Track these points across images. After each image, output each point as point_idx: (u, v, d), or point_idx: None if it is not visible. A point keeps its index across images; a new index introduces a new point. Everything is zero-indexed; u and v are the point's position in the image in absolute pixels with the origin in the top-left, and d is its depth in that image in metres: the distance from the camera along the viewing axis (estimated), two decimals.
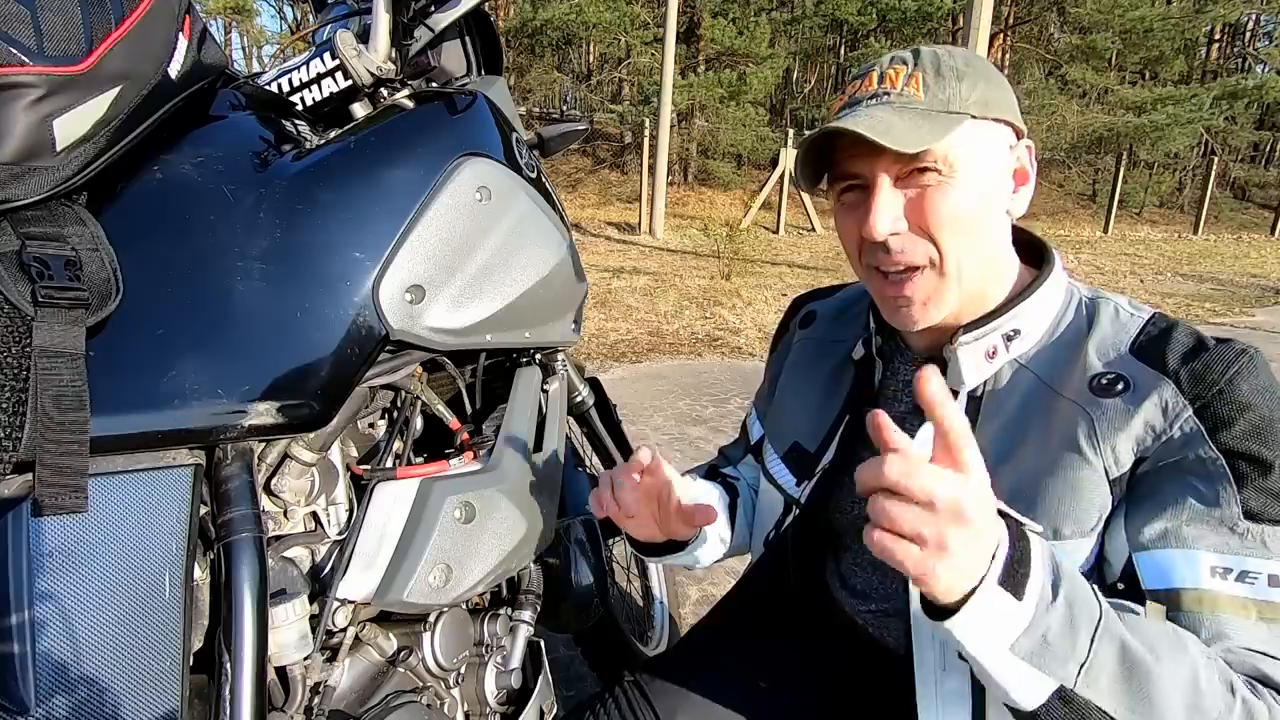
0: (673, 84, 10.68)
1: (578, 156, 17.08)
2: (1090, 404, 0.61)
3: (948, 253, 0.64)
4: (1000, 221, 0.66)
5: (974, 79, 0.63)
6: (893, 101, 0.62)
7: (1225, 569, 0.56)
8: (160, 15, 0.59)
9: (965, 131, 0.62)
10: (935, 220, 0.63)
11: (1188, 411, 0.58)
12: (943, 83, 0.62)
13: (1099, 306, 0.67)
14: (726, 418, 3.41)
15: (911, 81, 0.63)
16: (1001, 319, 0.66)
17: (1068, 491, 0.61)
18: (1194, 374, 0.59)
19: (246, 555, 0.57)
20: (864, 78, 0.65)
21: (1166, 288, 7.66)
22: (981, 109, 0.63)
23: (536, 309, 0.87)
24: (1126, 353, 0.63)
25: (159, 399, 0.55)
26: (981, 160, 0.63)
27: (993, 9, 6.31)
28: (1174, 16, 15.90)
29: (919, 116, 0.61)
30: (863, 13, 16.71)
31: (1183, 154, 17.81)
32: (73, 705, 0.48)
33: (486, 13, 1.04)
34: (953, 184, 0.62)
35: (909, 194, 0.63)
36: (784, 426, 0.85)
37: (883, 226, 0.63)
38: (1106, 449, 0.60)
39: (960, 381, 0.68)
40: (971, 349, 0.67)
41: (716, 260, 7.65)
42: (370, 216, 0.70)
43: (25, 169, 0.51)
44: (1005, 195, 0.66)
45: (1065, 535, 0.61)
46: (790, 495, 0.82)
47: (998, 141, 0.65)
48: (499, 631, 0.89)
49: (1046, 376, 0.65)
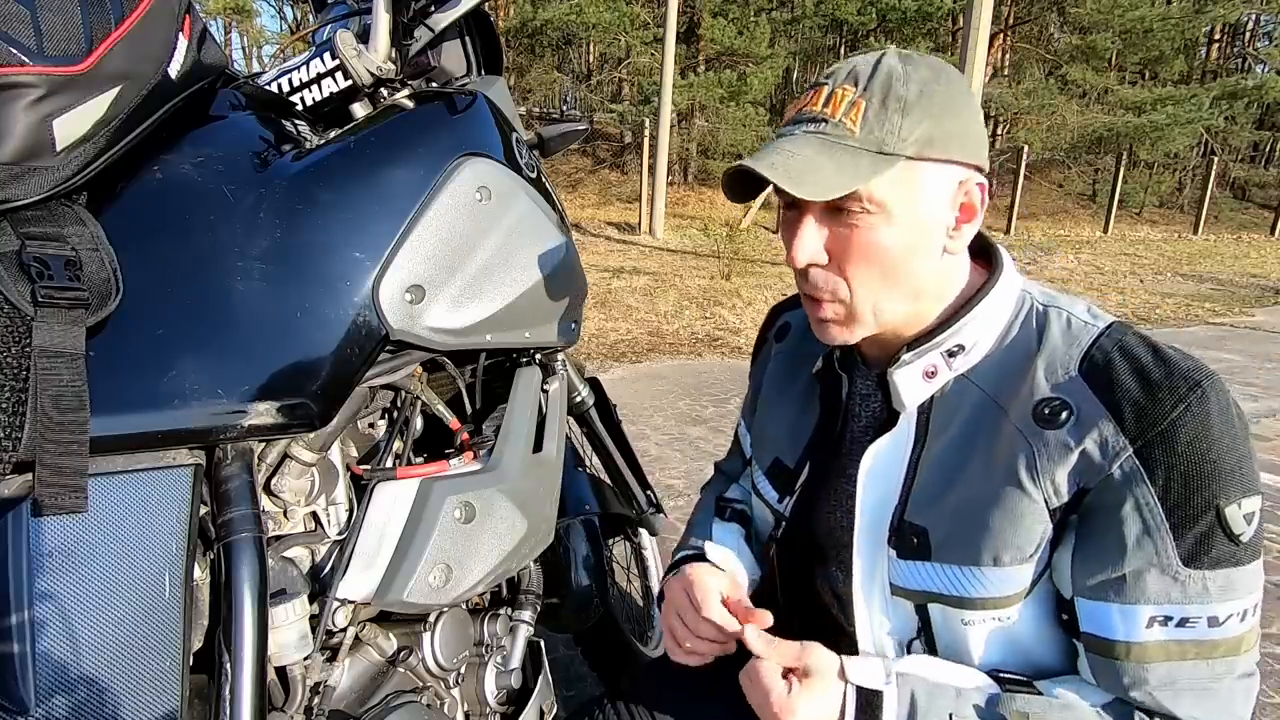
0: (673, 84, 10.68)
1: (578, 156, 17.08)
2: (1032, 434, 0.60)
3: (856, 292, 0.63)
4: (932, 259, 0.63)
5: (921, 114, 0.59)
6: (826, 133, 0.59)
7: (1165, 617, 0.56)
8: (160, 15, 0.59)
9: (897, 173, 0.59)
10: (853, 260, 0.61)
11: (1128, 451, 0.56)
12: (884, 117, 0.58)
13: (1051, 317, 0.64)
14: (726, 418, 3.41)
15: (852, 111, 0.59)
16: (943, 335, 0.65)
17: (1008, 521, 0.60)
18: (1139, 410, 0.56)
19: (246, 555, 0.57)
20: (816, 90, 0.62)
21: (1166, 288, 7.66)
22: (920, 148, 0.59)
23: (536, 309, 0.87)
24: (1075, 373, 0.60)
25: (159, 399, 0.55)
26: (915, 201, 0.60)
27: (993, 9, 6.31)
28: (1174, 16, 15.89)
29: (847, 155, 0.58)
30: (863, 13, 16.69)
31: (1183, 154, 17.80)
32: (73, 705, 0.48)
33: (486, 13, 1.04)
34: (880, 226, 0.60)
35: (836, 228, 0.62)
36: (766, 443, 0.86)
37: (801, 258, 0.63)
38: (1046, 481, 0.59)
39: (901, 404, 0.67)
40: (909, 370, 0.66)
41: (716, 260, 7.65)
42: (370, 216, 0.70)
43: (25, 169, 0.51)
44: (941, 235, 0.62)
45: (1004, 563, 0.61)
46: (777, 510, 0.82)
47: (939, 181, 0.61)
48: (499, 631, 0.89)
49: (994, 392, 0.64)
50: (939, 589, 0.65)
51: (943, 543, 0.64)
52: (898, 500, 0.67)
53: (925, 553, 0.65)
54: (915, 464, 0.67)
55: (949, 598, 0.64)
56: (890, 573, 0.68)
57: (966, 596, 0.63)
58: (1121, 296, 6.99)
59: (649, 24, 16.21)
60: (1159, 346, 0.59)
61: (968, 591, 0.63)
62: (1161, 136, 15.39)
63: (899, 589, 0.67)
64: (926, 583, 0.66)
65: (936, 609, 0.66)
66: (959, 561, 0.63)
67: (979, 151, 0.63)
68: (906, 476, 0.67)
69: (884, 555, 0.68)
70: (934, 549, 0.65)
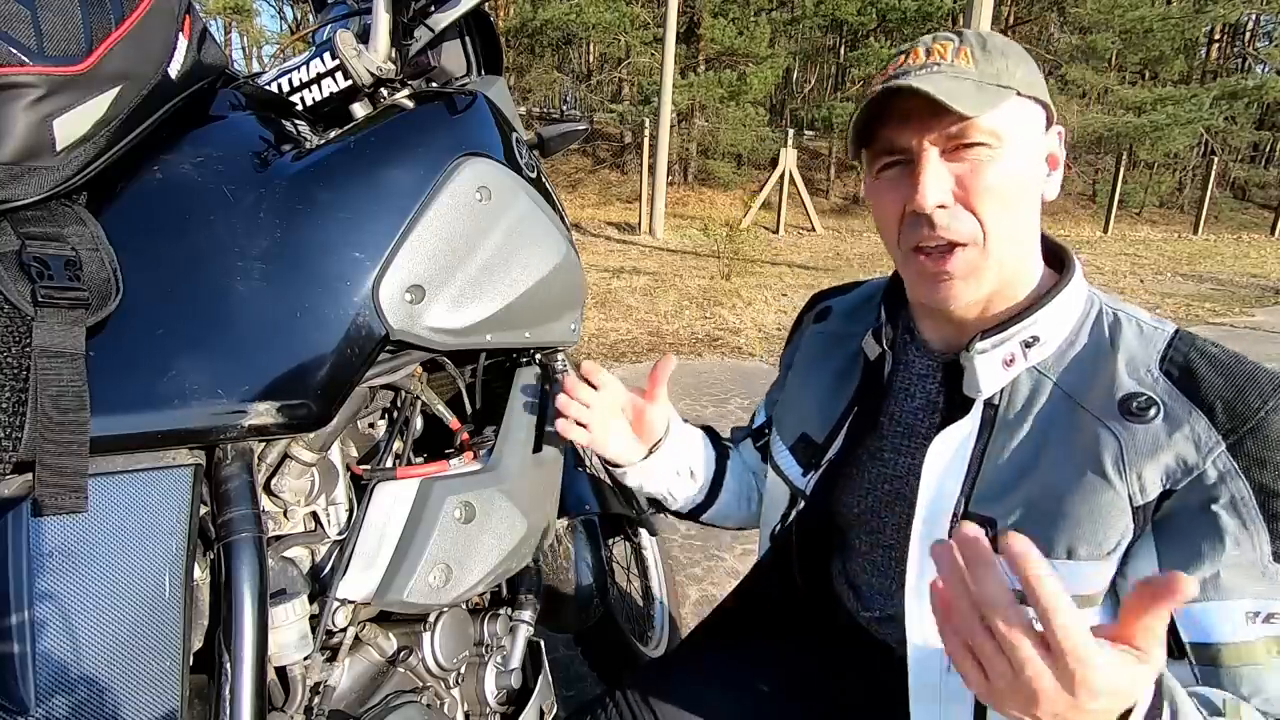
0: (673, 84, 10.68)
1: (578, 156, 17.08)
2: (1119, 426, 0.60)
3: (991, 228, 0.62)
4: (1036, 203, 0.66)
5: (1017, 59, 0.63)
6: (945, 70, 0.61)
7: (1256, 613, 0.56)
8: (160, 15, 0.59)
9: (1013, 107, 0.61)
10: (983, 193, 0.61)
11: (1221, 447, 0.57)
12: (990, 58, 0.62)
13: (1121, 319, 0.66)
14: (726, 418, 3.41)
15: (960, 54, 0.62)
16: (1020, 324, 0.65)
17: (1088, 513, 0.59)
18: (1229, 407, 0.57)
19: (246, 555, 0.57)
20: (908, 53, 0.64)
21: (1166, 288, 7.66)
22: (1027, 87, 0.62)
23: (536, 309, 0.87)
24: (1158, 372, 0.61)
25: (159, 399, 0.55)
26: (1026, 137, 0.63)
27: (993, 9, 6.30)
28: (1174, 16, 15.89)
29: (974, 85, 0.60)
30: (863, 13, 16.70)
31: (1183, 154, 17.81)
32: (73, 705, 0.48)
33: (486, 13, 1.04)
34: (1000, 158, 0.61)
35: (956, 167, 0.62)
36: (793, 417, 0.85)
37: (932, 198, 0.61)
38: (1133, 476, 0.59)
39: (977, 389, 0.66)
40: (989, 356, 0.66)
41: (716, 260, 7.65)
42: (370, 216, 0.70)
43: (25, 169, 0.51)
44: (1041, 176, 0.66)
45: (1080, 556, 0.60)
46: (796, 486, 0.82)
47: (1037, 121, 0.65)
48: (499, 631, 0.89)
49: (1069, 388, 0.64)
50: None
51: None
52: (960, 492, 0.66)
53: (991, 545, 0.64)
54: (981, 456, 0.65)
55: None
56: None
57: None
58: (1122, 296, 6.93)
59: (649, 24, 16.21)
60: (1232, 351, 0.61)
61: None
62: (1161, 136, 15.39)
63: None
64: None
65: None
66: None
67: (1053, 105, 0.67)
68: (970, 468, 0.66)
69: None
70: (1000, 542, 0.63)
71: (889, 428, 0.76)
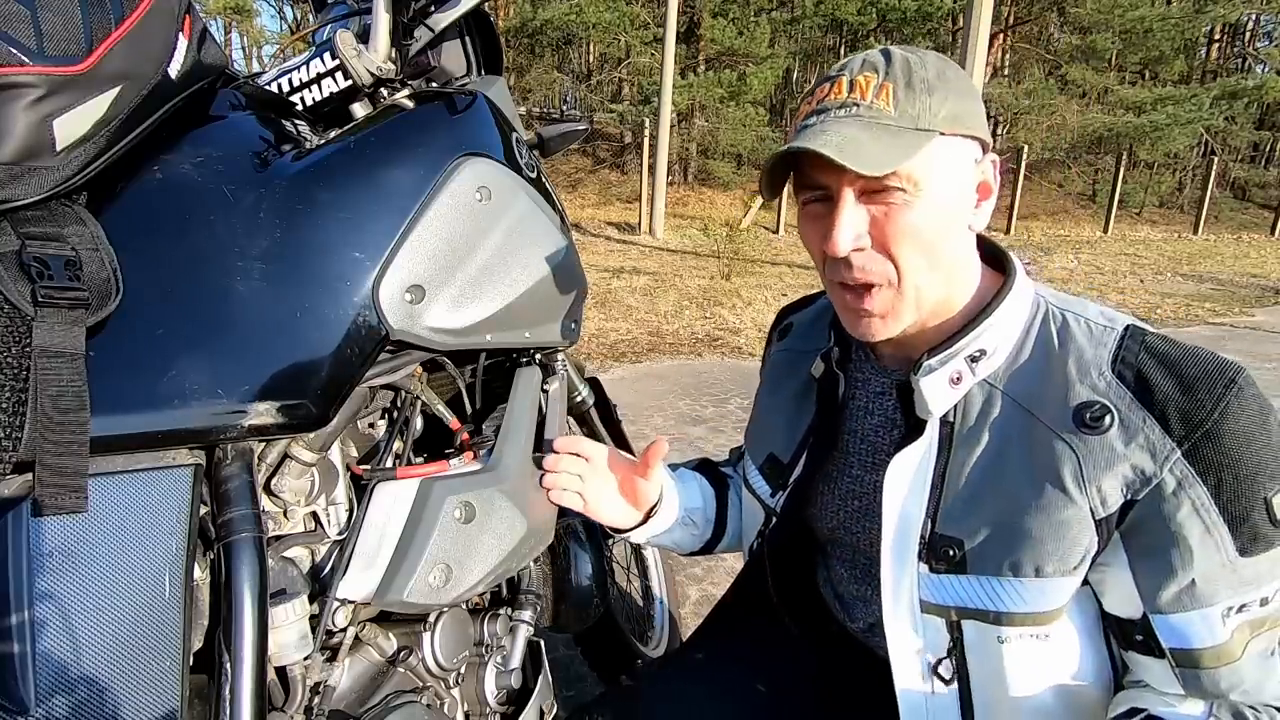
0: (673, 84, 10.68)
1: (578, 156, 17.08)
2: (1075, 439, 0.59)
3: (906, 272, 0.62)
4: (962, 237, 0.65)
5: (944, 92, 0.60)
6: (861, 115, 0.60)
7: (1229, 607, 0.57)
8: (160, 15, 0.59)
9: (932, 149, 0.60)
10: (897, 239, 0.61)
11: (1176, 454, 0.56)
12: (913, 96, 0.60)
13: (1069, 320, 0.65)
14: (726, 418, 3.41)
15: (882, 93, 0.60)
16: (964, 340, 0.64)
17: (1052, 530, 0.59)
18: (1182, 412, 0.57)
19: (246, 555, 0.57)
20: (833, 82, 0.63)
21: (1166, 288, 7.66)
22: (950, 125, 0.60)
23: (536, 309, 0.87)
24: (1110, 375, 0.60)
25: (159, 399, 0.55)
26: (947, 177, 0.61)
27: (993, 9, 6.30)
28: (1174, 16, 15.89)
29: (887, 134, 0.59)
30: (863, 13, 16.69)
31: (1183, 154, 17.79)
32: (73, 705, 0.48)
33: (486, 13, 1.04)
34: (917, 203, 0.60)
35: (873, 210, 0.62)
36: (760, 438, 0.86)
37: (844, 244, 0.62)
38: (1093, 489, 0.58)
39: (928, 411, 0.66)
40: (935, 376, 0.65)
41: (716, 260, 7.65)
42: (370, 216, 0.70)
43: (25, 169, 0.51)
44: (968, 211, 0.65)
45: (1047, 574, 0.60)
46: (767, 505, 0.82)
47: (964, 157, 0.63)
48: (499, 631, 0.89)
49: (1021, 399, 0.63)
50: (974, 603, 0.63)
51: (979, 554, 0.62)
52: (925, 513, 0.65)
53: (960, 566, 0.63)
54: (942, 474, 0.65)
55: (984, 612, 0.63)
56: (920, 589, 0.66)
57: (1003, 611, 0.62)
58: (1121, 296, 6.99)
59: (649, 24, 16.20)
60: (1183, 345, 0.60)
61: (1004, 605, 0.62)
62: (1161, 136, 15.39)
63: (930, 605, 0.65)
64: (960, 598, 0.64)
65: (971, 626, 0.64)
66: (996, 573, 0.62)
67: (987, 131, 0.65)
68: (933, 488, 0.65)
69: (912, 571, 0.66)
70: (969, 561, 0.63)
71: (853, 445, 0.76)
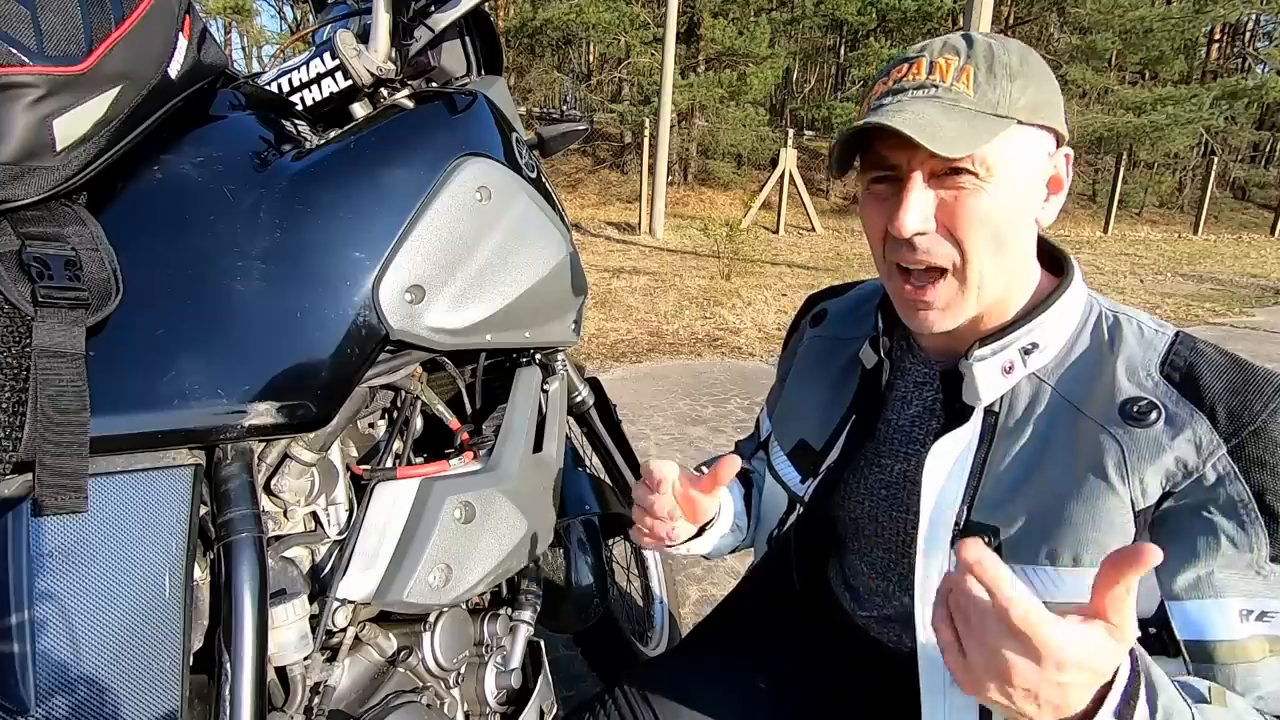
0: (673, 84, 10.68)
1: (578, 156, 17.08)
2: (1121, 431, 0.59)
3: (972, 259, 0.62)
4: (1028, 230, 0.64)
5: (1026, 80, 0.60)
6: (940, 97, 0.59)
7: (1248, 611, 0.56)
8: (160, 15, 0.59)
9: (1009, 137, 0.59)
10: (965, 225, 0.60)
11: (1222, 450, 0.57)
12: (994, 81, 0.59)
13: (1121, 323, 0.65)
14: (726, 418, 3.41)
15: (962, 76, 0.59)
16: (1019, 331, 0.64)
17: (1091, 518, 0.59)
18: (1230, 411, 0.57)
19: (246, 555, 0.57)
20: (912, 63, 0.62)
21: (1166, 288, 7.66)
22: (1029, 114, 0.60)
23: (536, 309, 0.87)
24: (1159, 376, 0.61)
25: (159, 399, 0.55)
26: (1020, 166, 0.61)
27: (993, 9, 6.30)
28: (1174, 16, 15.88)
29: (965, 117, 0.58)
30: (863, 13, 16.70)
31: (1183, 154, 17.81)
32: (73, 705, 0.48)
33: (486, 13, 1.04)
34: (988, 189, 0.59)
35: (942, 194, 0.61)
36: (791, 424, 0.85)
37: (911, 224, 0.60)
38: (1135, 480, 0.58)
39: (977, 398, 0.66)
40: (988, 364, 0.65)
41: (716, 260, 7.65)
42: (370, 216, 0.70)
43: (25, 169, 0.51)
44: (1037, 203, 0.64)
45: (1085, 563, 0.59)
46: (795, 493, 0.82)
47: (1038, 148, 0.62)
48: (499, 631, 0.89)
49: (1069, 394, 0.63)
50: None
51: (1016, 543, 0.62)
52: (962, 501, 0.65)
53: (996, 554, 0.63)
54: (983, 463, 0.65)
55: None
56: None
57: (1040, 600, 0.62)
58: (1121, 296, 6.99)
59: (649, 24, 16.20)
60: (1233, 354, 0.61)
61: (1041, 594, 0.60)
62: (1161, 136, 15.40)
63: None
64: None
65: None
66: (1033, 562, 0.61)
67: (1064, 124, 0.64)
68: (971, 476, 0.65)
69: (944, 560, 0.65)
70: (1005, 550, 0.62)
71: (886, 434, 0.76)
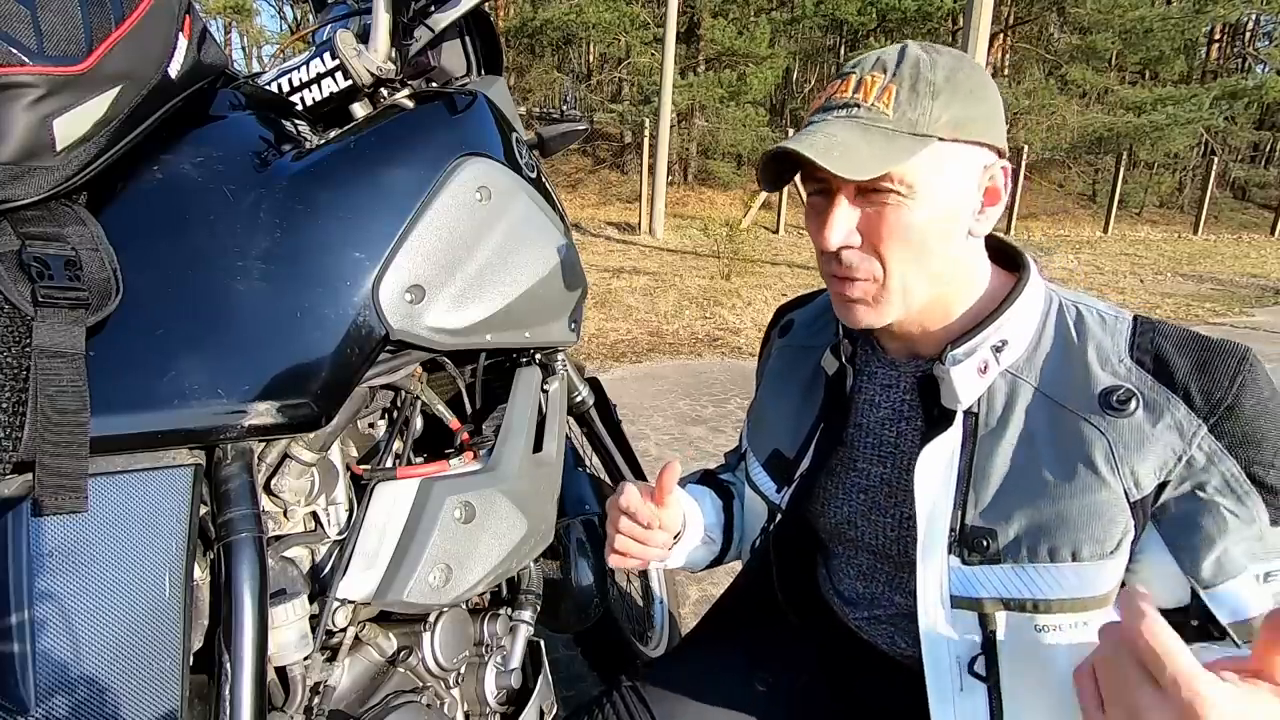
0: (673, 84, 10.68)
1: (578, 156, 17.08)
2: (1103, 422, 0.61)
3: (892, 271, 0.63)
4: (958, 242, 0.65)
5: (950, 97, 0.60)
6: (859, 117, 0.61)
7: (1258, 574, 0.59)
8: (160, 15, 0.59)
9: (930, 154, 0.60)
10: (885, 240, 0.62)
11: (1203, 430, 0.58)
12: (915, 100, 0.60)
13: (1082, 311, 0.67)
14: (726, 418, 3.41)
15: (884, 95, 0.61)
16: (987, 330, 0.65)
17: (1085, 514, 0.60)
18: (1202, 390, 0.59)
19: (246, 555, 0.57)
20: (844, 79, 0.64)
21: (1166, 288, 7.66)
22: (951, 130, 0.60)
23: (536, 309, 0.87)
24: (1130, 362, 0.62)
25: (159, 399, 0.55)
26: (944, 182, 0.62)
27: (993, 9, 6.30)
28: (1174, 16, 15.88)
29: (882, 137, 0.59)
30: (863, 13, 16.69)
31: (1183, 154, 17.79)
32: (73, 705, 0.48)
33: (486, 13, 1.04)
34: (910, 205, 0.61)
35: (867, 210, 0.63)
36: (764, 434, 0.85)
37: (834, 240, 0.63)
38: (1125, 471, 0.59)
39: (956, 401, 0.66)
40: (964, 366, 0.65)
41: (716, 260, 7.65)
42: (370, 216, 0.70)
43: (25, 169, 0.51)
44: (968, 217, 0.64)
45: (1084, 558, 0.60)
46: (772, 501, 0.82)
47: (967, 163, 0.63)
48: (499, 631, 0.89)
49: (1044, 387, 0.64)
50: (1010, 593, 0.63)
51: (1013, 542, 0.63)
52: (954, 505, 0.65)
53: (994, 556, 0.63)
54: (969, 465, 0.65)
55: (1021, 601, 0.63)
56: (951, 583, 0.65)
57: (1041, 598, 0.62)
58: (1121, 296, 7.00)
59: (649, 24, 16.20)
60: (1191, 330, 0.63)
61: (1042, 592, 0.62)
62: (1161, 136, 15.39)
63: (961, 599, 0.65)
64: (995, 588, 0.63)
65: (1005, 617, 0.63)
66: (1032, 560, 0.62)
67: (1001, 136, 0.65)
68: (960, 480, 0.65)
69: (941, 565, 0.66)
70: (1004, 550, 0.63)
71: (859, 439, 0.76)
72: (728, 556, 0.92)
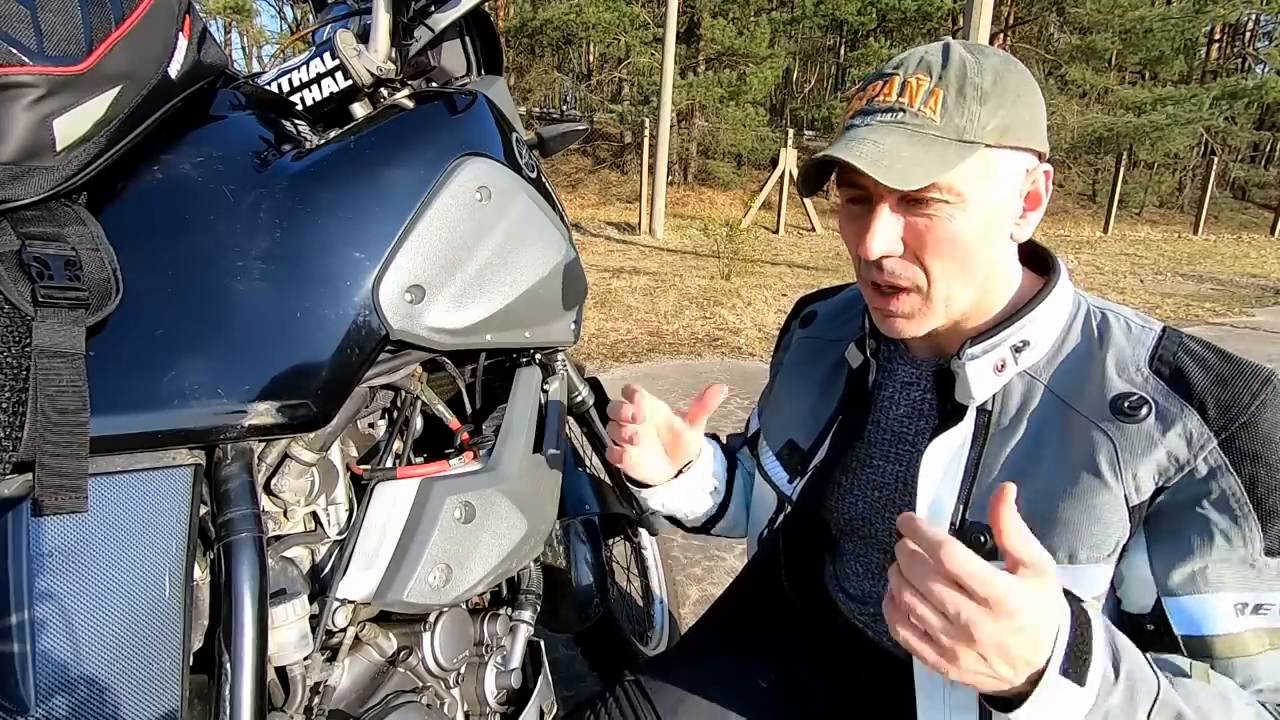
0: (673, 84, 10.67)
1: (578, 156, 17.08)
2: (1112, 427, 0.60)
3: (937, 282, 0.63)
4: (1001, 247, 0.64)
5: (998, 102, 0.59)
6: (906, 123, 0.59)
7: (1243, 604, 0.57)
8: (160, 15, 0.59)
9: (976, 161, 0.59)
10: (931, 250, 0.61)
11: (1213, 443, 0.57)
12: (963, 105, 0.58)
13: (1109, 319, 0.66)
14: (726, 418, 3.41)
15: (931, 100, 0.59)
16: (1009, 330, 0.65)
17: (1086, 515, 0.59)
18: (1220, 404, 0.58)
19: (246, 555, 0.57)
20: (887, 81, 0.62)
21: (1166, 288, 7.66)
22: (998, 136, 0.59)
23: (536, 309, 0.87)
24: (1148, 371, 0.61)
25: (159, 399, 0.55)
26: (991, 189, 0.60)
27: (993, 9, 6.30)
28: (1174, 16, 15.87)
29: (929, 144, 0.58)
30: (863, 13, 16.69)
31: (1183, 154, 17.80)
32: (73, 705, 0.48)
33: (486, 13, 1.04)
34: (957, 214, 0.60)
35: (910, 219, 0.61)
36: (779, 424, 0.85)
37: (876, 249, 0.62)
38: (1128, 475, 0.59)
39: (969, 396, 0.66)
40: (980, 362, 0.65)
41: (716, 260, 7.65)
42: (370, 216, 0.70)
43: (25, 169, 0.51)
44: (1011, 222, 0.64)
45: (1081, 560, 0.60)
46: (783, 492, 0.82)
47: (1012, 168, 0.62)
48: (499, 631, 0.89)
49: (1061, 391, 0.64)
50: None
51: None
52: (957, 500, 0.65)
53: (992, 553, 0.62)
54: (976, 462, 0.65)
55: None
56: None
57: None
58: (1121, 296, 6.99)
59: (649, 24, 16.20)
60: (1218, 348, 0.61)
61: None
62: (1161, 136, 15.38)
63: None
64: None
65: None
66: None
67: (1044, 139, 0.64)
68: (966, 475, 0.65)
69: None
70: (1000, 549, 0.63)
71: (876, 435, 0.76)
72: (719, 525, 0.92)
